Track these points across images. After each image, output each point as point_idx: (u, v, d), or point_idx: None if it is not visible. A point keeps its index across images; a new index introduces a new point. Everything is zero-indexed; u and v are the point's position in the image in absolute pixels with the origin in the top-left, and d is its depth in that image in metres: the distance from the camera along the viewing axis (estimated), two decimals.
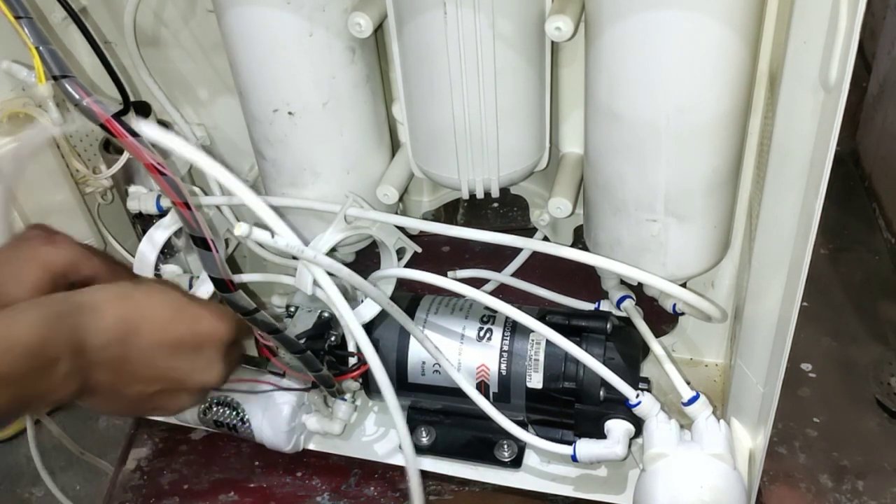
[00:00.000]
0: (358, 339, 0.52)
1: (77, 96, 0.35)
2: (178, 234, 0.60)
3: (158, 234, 0.57)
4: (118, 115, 0.36)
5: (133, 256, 0.67)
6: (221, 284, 0.43)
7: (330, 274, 0.52)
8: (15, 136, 0.57)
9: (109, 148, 0.62)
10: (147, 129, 0.39)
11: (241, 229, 0.43)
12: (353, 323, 0.52)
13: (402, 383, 0.60)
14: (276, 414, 0.61)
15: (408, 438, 0.53)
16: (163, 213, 0.61)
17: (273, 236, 0.45)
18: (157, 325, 0.45)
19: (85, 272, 0.50)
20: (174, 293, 0.47)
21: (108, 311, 0.43)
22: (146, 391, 0.46)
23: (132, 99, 0.57)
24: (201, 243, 0.40)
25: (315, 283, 0.52)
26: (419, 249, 0.62)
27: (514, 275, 0.72)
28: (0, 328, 0.38)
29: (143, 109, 0.63)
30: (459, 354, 0.58)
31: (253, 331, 0.52)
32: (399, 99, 0.56)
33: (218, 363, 0.48)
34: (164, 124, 0.65)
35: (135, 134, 0.37)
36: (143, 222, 0.63)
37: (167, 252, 0.64)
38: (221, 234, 0.63)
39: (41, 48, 0.35)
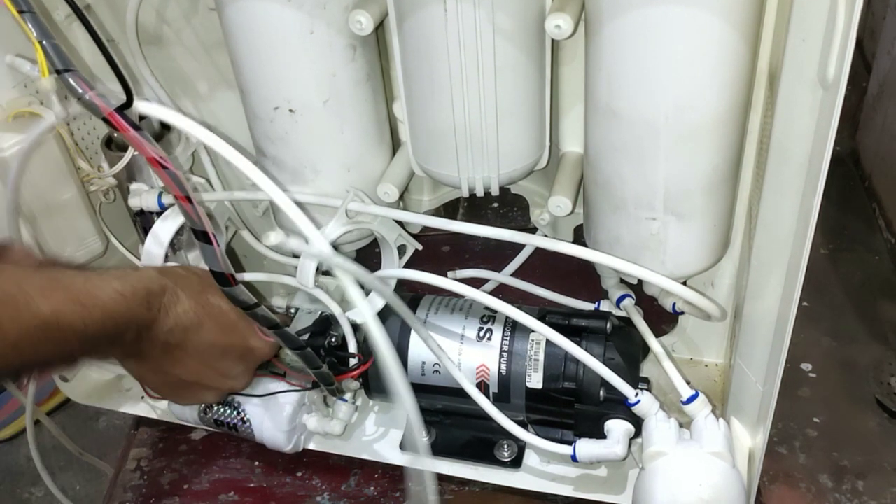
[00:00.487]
0: (370, 328, 0.52)
1: (80, 90, 0.36)
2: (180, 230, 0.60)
3: (163, 231, 0.57)
4: (121, 109, 0.36)
5: (133, 255, 0.68)
6: (222, 278, 0.43)
7: (327, 273, 0.52)
8: (22, 134, 0.57)
9: (111, 145, 0.62)
10: (175, 118, 0.40)
11: (269, 239, 0.43)
12: (366, 311, 0.52)
13: None
14: (277, 414, 0.61)
15: (420, 429, 0.53)
16: (164, 210, 0.61)
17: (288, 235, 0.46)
18: (218, 327, 0.50)
19: None
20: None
21: (184, 300, 0.48)
22: (185, 378, 0.51)
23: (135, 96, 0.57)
24: (202, 237, 0.41)
25: (316, 280, 0.52)
26: (420, 246, 0.62)
27: (514, 275, 0.72)
28: (92, 288, 0.42)
29: None
30: (459, 354, 0.58)
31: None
32: (400, 97, 0.57)
33: (250, 374, 0.55)
34: (165, 124, 0.66)
35: (137, 128, 0.37)
36: (145, 219, 0.64)
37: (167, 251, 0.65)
38: (222, 222, 0.64)
39: (44, 42, 0.35)
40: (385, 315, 0.59)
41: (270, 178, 0.60)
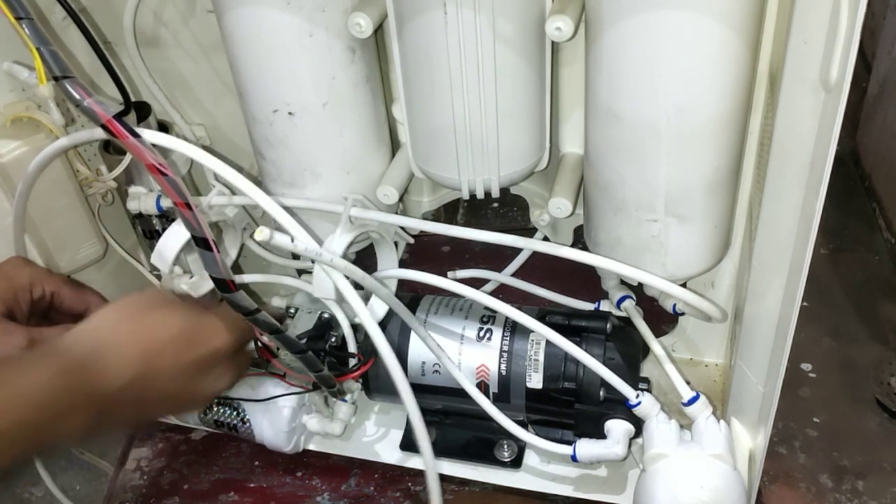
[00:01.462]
0: (375, 338, 0.52)
1: (78, 97, 0.36)
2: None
3: (167, 250, 0.56)
4: (119, 116, 0.36)
5: (132, 257, 0.68)
6: (222, 284, 0.43)
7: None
8: (20, 140, 0.57)
9: (109, 148, 0.62)
10: (170, 142, 0.39)
11: (262, 234, 0.42)
12: (370, 324, 0.52)
13: None
14: (277, 414, 0.61)
15: (423, 430, 0.53)
16: (163, 213, 0.61)
17: (293, 241, 0.45)
18: (174, 350, 0.45)
19: (48, 288, 0.53)
20: (181, 310, 0.47)
21: (123, 350, 0.43)
22: (165, 408, 0.49)
23: (132, 99, 0.57)
24: (202, 243, 0.40)
25: (336, 288, 0.52)
26: (411, 240, 0.62)
27: (515, 275, 0.72)
28: (12, 381, 0.38)
29: (143, 110, 0.63)
30: (459, 355, 0.58)
31: (254, 332, 0.53)
32: (399, 99, 0.56)
33: (230, 371, 0.50)
34: (163, 125, 0.65)
35: (136, 135, 0.37)
36: (144, 222, 0.63)
37: None
38: (239, 228, 0.63)
39: (42, 49, 0.35)
40: (385, 315, 0.59)
41: (270, 180, 0.60)
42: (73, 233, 0.63)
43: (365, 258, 0.66)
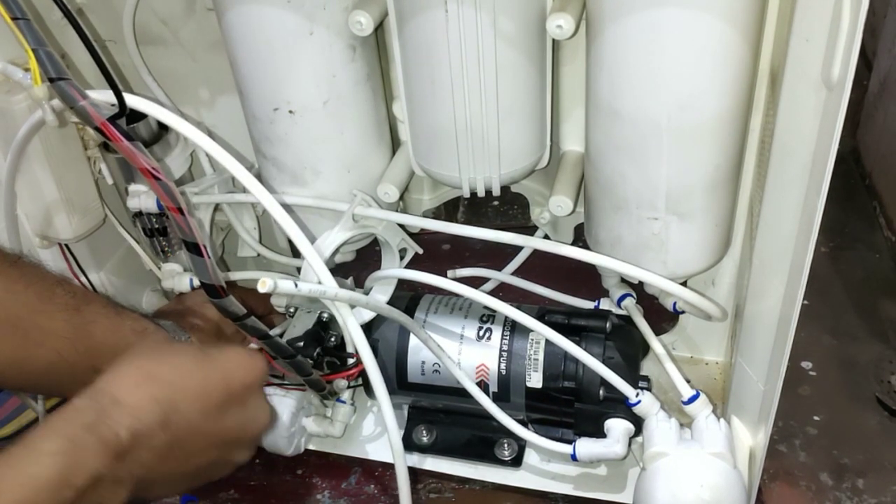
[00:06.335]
0: (357, 342, 0.52)
1: (73, 98, 0.35)
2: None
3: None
4: (114, 119, 0.36)
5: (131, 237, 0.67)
6: (212, 290, 0.42)
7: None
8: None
9: (109, 147, 0.62)
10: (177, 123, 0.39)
11: (265, 286, 0.41)
12: (353, 327, 0.52)
13: (402, 383, 0.60)
14: (275, 420, 0.60)
15: (398, 439, 0.53)
16: (163, 213, 0.61)
17: (296, 286, 0.45)
18: (193, 393, 0.41)
19: None
20: (191, 350, 0.45)
21: (134, 402, 0.39)
22: (205, 461, 0.44)
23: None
24: (193, 249, 0.40)
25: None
26: (420, 251, 0.62)
27: (515, 273, 0.72)
28: (22, 470, 0.35)
29: None
30: (459, 354, 0.58)
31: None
32: (400, 97, 0.56)
33: (264, 402, 0.47)
34: (163, 123, 0.65)
35: (130, 137, 0.36)
36: (144, 221, 0.63)
37: (167, 251, 0.64)
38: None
39: (38, 50, 0.35)
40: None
41: (270, 178, 0.60)
42: (83, 195, 0.63)
43: (366, 257, 0.67)
